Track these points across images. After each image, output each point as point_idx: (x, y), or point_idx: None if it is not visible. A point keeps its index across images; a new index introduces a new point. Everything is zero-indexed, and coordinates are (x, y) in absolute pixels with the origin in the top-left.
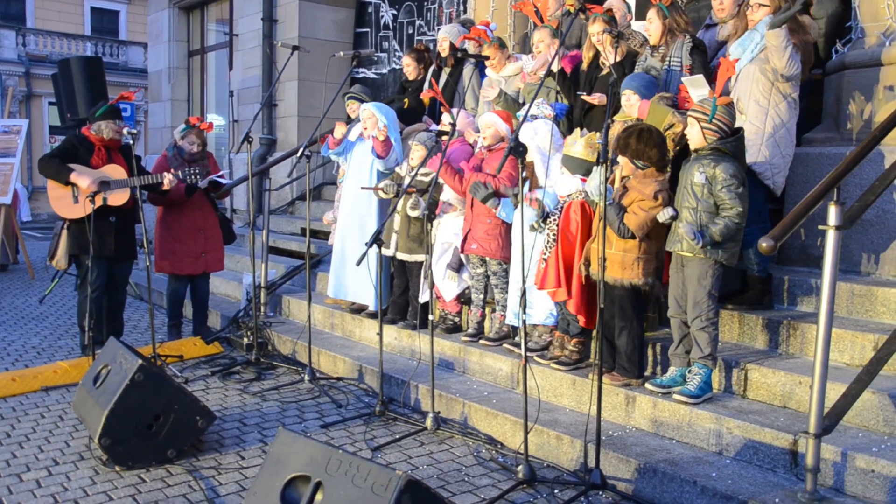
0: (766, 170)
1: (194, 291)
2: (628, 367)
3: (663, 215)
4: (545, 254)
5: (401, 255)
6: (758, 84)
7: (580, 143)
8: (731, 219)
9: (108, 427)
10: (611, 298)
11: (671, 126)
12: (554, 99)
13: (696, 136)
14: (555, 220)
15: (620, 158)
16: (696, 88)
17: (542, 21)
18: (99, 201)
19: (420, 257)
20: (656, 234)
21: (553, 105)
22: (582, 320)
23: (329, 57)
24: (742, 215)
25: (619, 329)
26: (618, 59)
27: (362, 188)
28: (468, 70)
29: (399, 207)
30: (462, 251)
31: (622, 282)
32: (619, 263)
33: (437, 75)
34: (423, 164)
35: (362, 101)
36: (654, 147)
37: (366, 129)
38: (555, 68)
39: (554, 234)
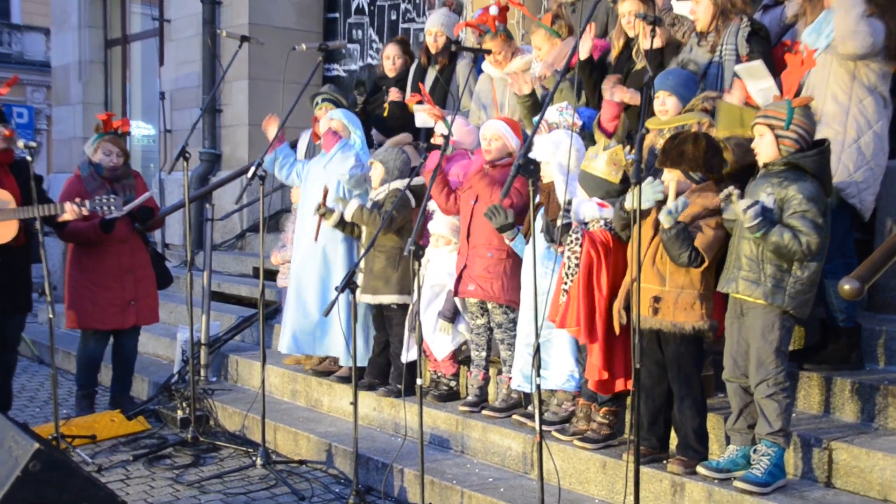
0: (849, 186)
1: (118, 351)
2: (698, 448)
3: (734, 206)
4: (565, 283)
5: (363, 297)
6: (835, 77)
7: (602, 158)
8: (800, 246)
9: None
10: (655, 360)
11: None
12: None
13: (767, 148)
14: (577, 238)
15: (669, 173)
16: (754, 79)
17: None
18: None
19: (387, 298)
20: (713, 267)
21: (580, 111)
22: (594, 382)
23: (288, 50)
24: (814, 251)
25: (679, 398)
26: (657, 47)
27: (317, 212)
28: (463, 66)
29: (364, 240)
30: (456, 294)
31: (683, 327)
32: (676, 304)
33: (420, 74)
34: (411, 178)
35: (339, 105)
36: (715, 153)
37: (317, 139)
38: (579, 58)
39: (577, 259)
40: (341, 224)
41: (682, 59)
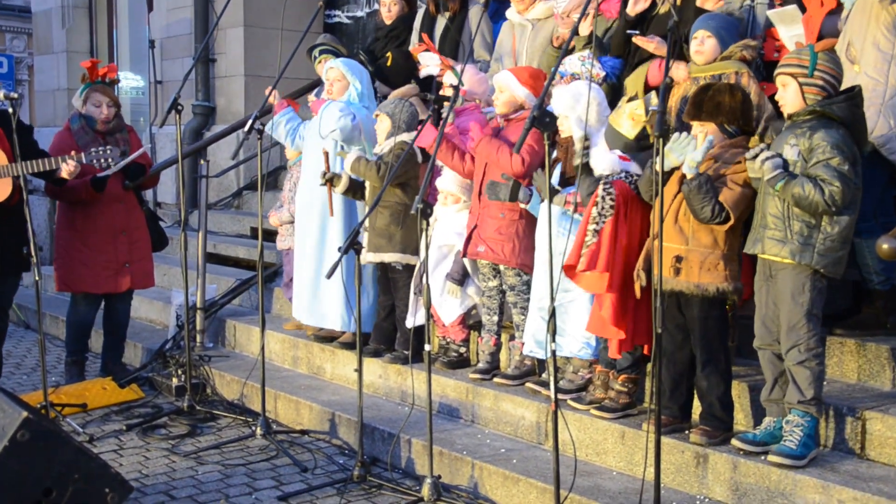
0: (890, 141)
1: (110, 316)
2: (723, 418)
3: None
4: (598, 223)
5: (365, 255)
6: (877, 21)
7: (625, 112)
8: (823, 196)
9: None
10: (677, 323)
11: None
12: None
13: (792, 98)
14: (610, 185)
15: (700, 126)
16: (787, 25)
17: None
18: None
19: (389, 257)
20: (739, 227)
21: (603, 61)
22: (616, 343)
23: None
24: (838, 202)
25: (702, 364)
26: None
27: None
28: (475, 13)
29: (368, 199)
30: (465, 255)
31: (706, 289)
32: (700, 264)
33: (429, 22)
34: (414, 138)
35: (339, 56)
36: (751, 105)
37: (329, 93)
38: (590, 12)
39: (612, 200)
40: (350, 190)
41: (727, 8)
